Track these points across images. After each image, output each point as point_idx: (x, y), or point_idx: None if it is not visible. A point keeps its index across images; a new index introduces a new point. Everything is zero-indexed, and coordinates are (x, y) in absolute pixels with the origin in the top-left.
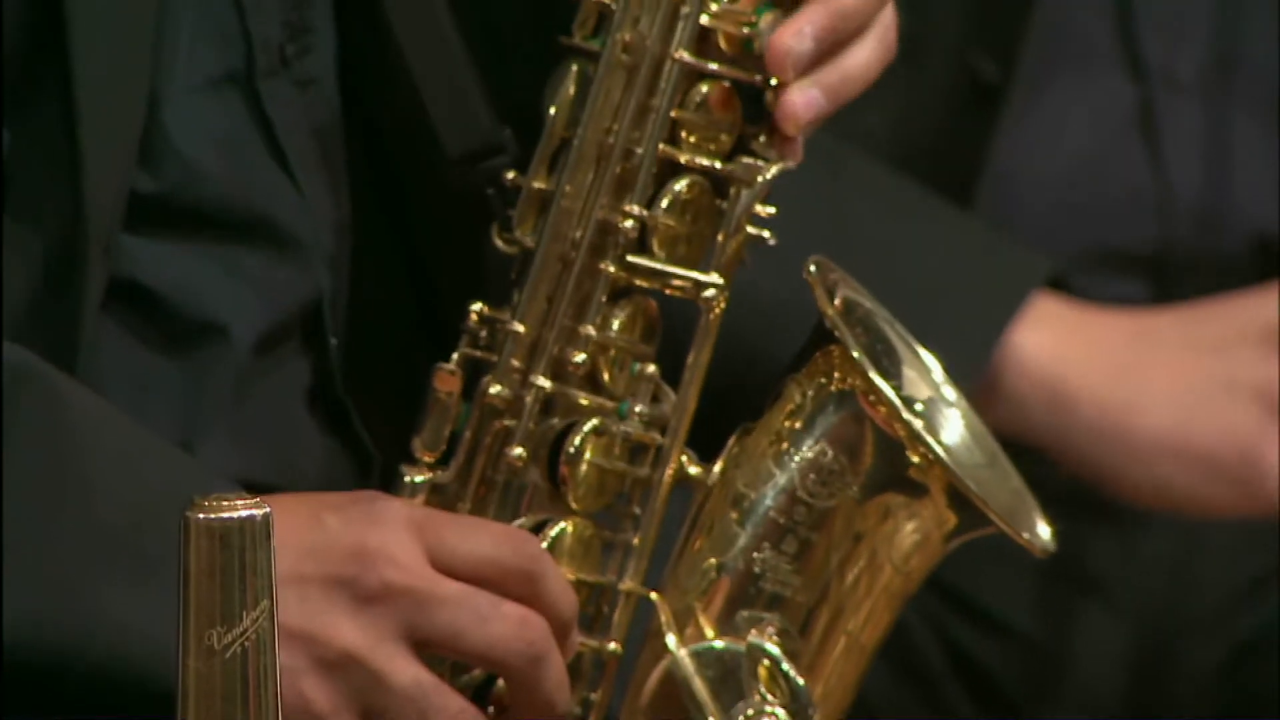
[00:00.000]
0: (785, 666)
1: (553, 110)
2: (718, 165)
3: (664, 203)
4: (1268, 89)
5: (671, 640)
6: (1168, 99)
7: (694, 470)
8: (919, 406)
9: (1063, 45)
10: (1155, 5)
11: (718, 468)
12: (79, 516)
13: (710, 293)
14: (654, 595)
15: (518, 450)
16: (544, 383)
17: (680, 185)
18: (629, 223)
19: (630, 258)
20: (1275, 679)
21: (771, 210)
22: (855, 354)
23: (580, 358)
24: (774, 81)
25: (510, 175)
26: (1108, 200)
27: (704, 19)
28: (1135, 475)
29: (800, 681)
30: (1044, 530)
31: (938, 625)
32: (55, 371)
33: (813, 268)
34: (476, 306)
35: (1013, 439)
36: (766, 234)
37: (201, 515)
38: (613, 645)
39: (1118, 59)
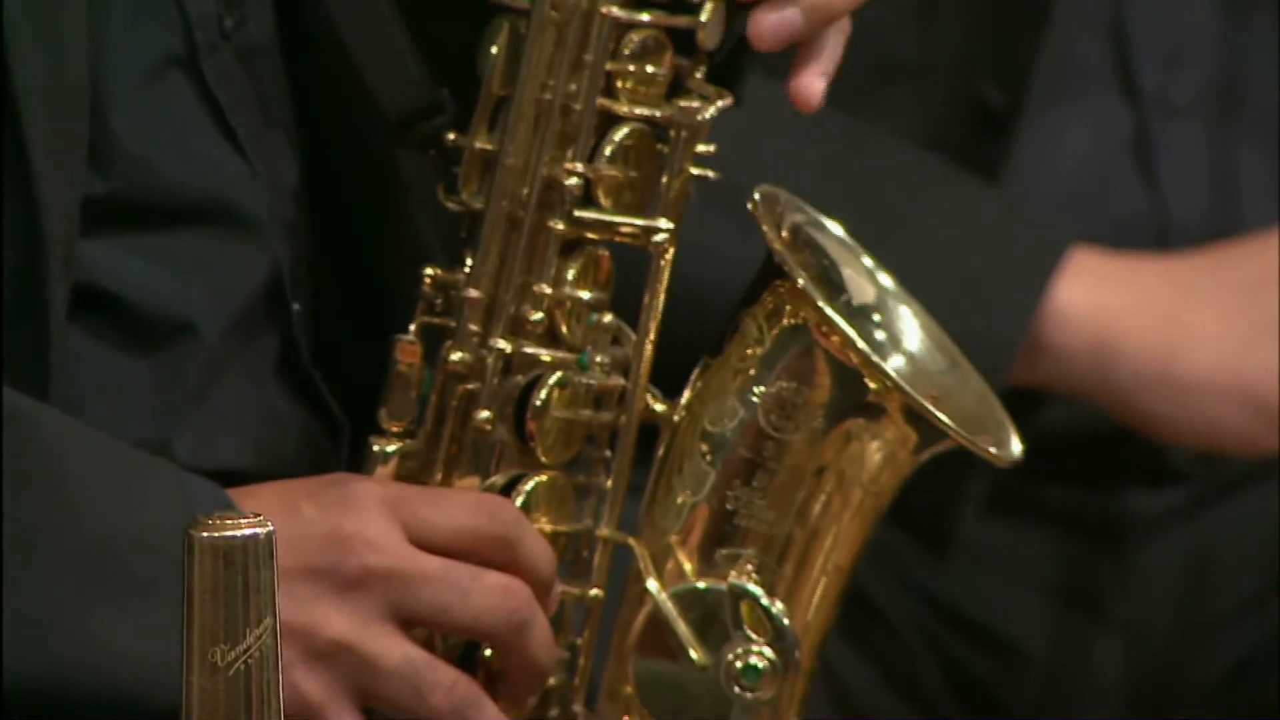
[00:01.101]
0: (766, 603)
1: (488, 66)
2: (657, 114)
3: (606, 153)
4: (1270, 114)
5: (653, 584)
6: (1161, 123)
7: (660, 408)
8: (876, 317)
9: (1063, 71)
10: (1153, 31)
11: (684, 400)
12: (66, 543)
13: (660, 237)
14: (631, 541)
15: (484, 414)
16: (504, 345)
17: (620, 134)
18: (573, 180)
19: (578, 212)
20: (1276, 694)
21: (712, 148)
22: (801, 283)
23: (537, 316)
24: (703, 17)
25: (451, 136)
26: (1105, 223)
27: None
28: (1186, 418)
29: (786, 621)
30: (1015, 444)
31: (937, 643)
32: (30, 400)
33: (757, 197)
34: (430, 271)
35: (1059, 392)
36: (710, 173)
37: (205, 534)
38: (594, 591)
39: (1114, 84)
